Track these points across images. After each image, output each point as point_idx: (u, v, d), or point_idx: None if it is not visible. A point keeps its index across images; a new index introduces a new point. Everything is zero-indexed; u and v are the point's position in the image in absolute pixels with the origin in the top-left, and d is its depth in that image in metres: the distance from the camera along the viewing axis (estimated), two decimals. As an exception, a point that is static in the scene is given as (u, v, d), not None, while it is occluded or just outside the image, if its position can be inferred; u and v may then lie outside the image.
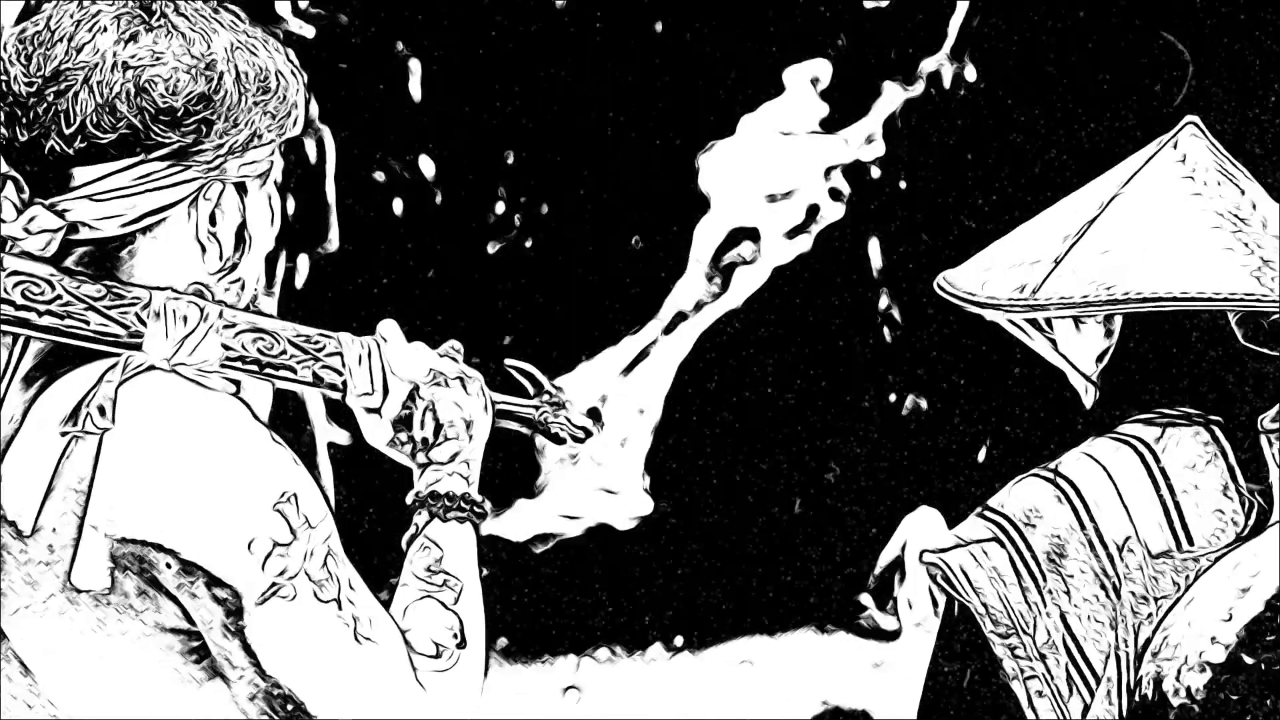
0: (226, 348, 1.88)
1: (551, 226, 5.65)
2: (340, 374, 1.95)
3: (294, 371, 1.94)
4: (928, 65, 5.89)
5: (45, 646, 1.71)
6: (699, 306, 5.73)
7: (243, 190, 1.94)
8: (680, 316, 5.77)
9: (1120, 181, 2.16)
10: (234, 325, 1.92)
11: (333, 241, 5.30)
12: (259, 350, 1.91)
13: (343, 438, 4.61)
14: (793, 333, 5.54)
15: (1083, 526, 2.09)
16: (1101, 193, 2.10)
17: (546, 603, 5.14)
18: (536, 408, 2.05)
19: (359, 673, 1.82)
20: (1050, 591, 2.12)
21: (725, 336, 5.63)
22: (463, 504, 1.93)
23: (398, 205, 5.41)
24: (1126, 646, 2.03)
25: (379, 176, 5.40)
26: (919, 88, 5.88)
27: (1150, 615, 2.06)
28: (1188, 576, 2.07)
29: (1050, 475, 2.17)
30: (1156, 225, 2.07)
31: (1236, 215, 2.02)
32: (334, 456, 4.68)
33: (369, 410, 1.95)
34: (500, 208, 5.63)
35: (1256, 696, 1.85)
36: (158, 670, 1.78)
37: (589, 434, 2.04)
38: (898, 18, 5.95)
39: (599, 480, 5.59)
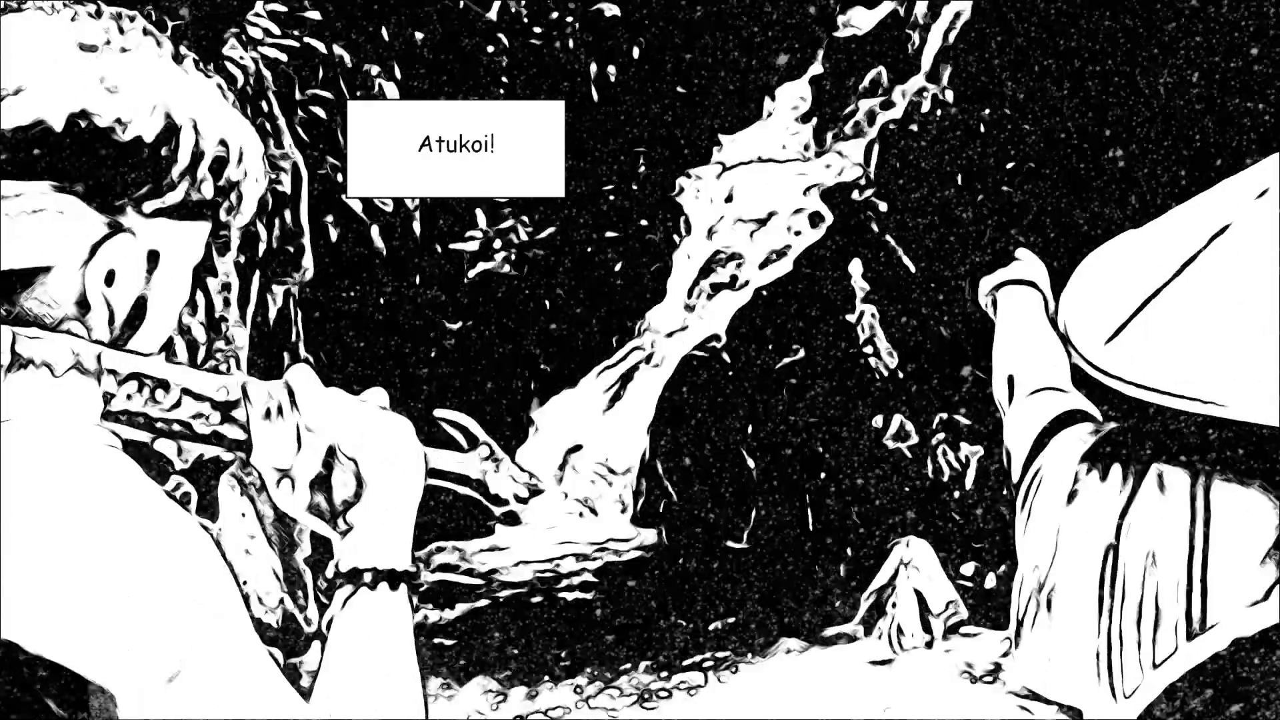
0: (108, 397, 1.60)
1: (530, 252, 5.61)
2: (246, 430, 1.65)
3: (190, 429, 1.64)
4: (907, 88, 5.87)
5: None
6: (679, 330, 5.69)
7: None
8: (660, 340, 5.73)
9: (1230, 210, 2.01)
10: (115, 372, 1.60)
11: (308, 270, 5.24)
12: (147, 401, 1.61)
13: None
14: (776, 357, 5.51)
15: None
16: (1215, 216, 1.95)
17: (540, 626, 5.09)
18: (475, 463, 1.75)
19: None
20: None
21: (707, 361, 5.60)
22: (393, 575, 1.65)
23: (374, 231, 5.38)
24: None
25: (355, 203, 5.36)
26: (899, 110, 5.86)
27: None
28: None
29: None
30: (1223, 300, 1.97)
31: None
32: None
33: (280, 472, 1.68)
34: (479, 234, 5.59)
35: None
36: None
37: (536, 492, 1.74)
38: (876, 42, 5.93)
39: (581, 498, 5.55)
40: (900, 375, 5.36)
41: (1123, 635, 1.94)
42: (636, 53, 5.70)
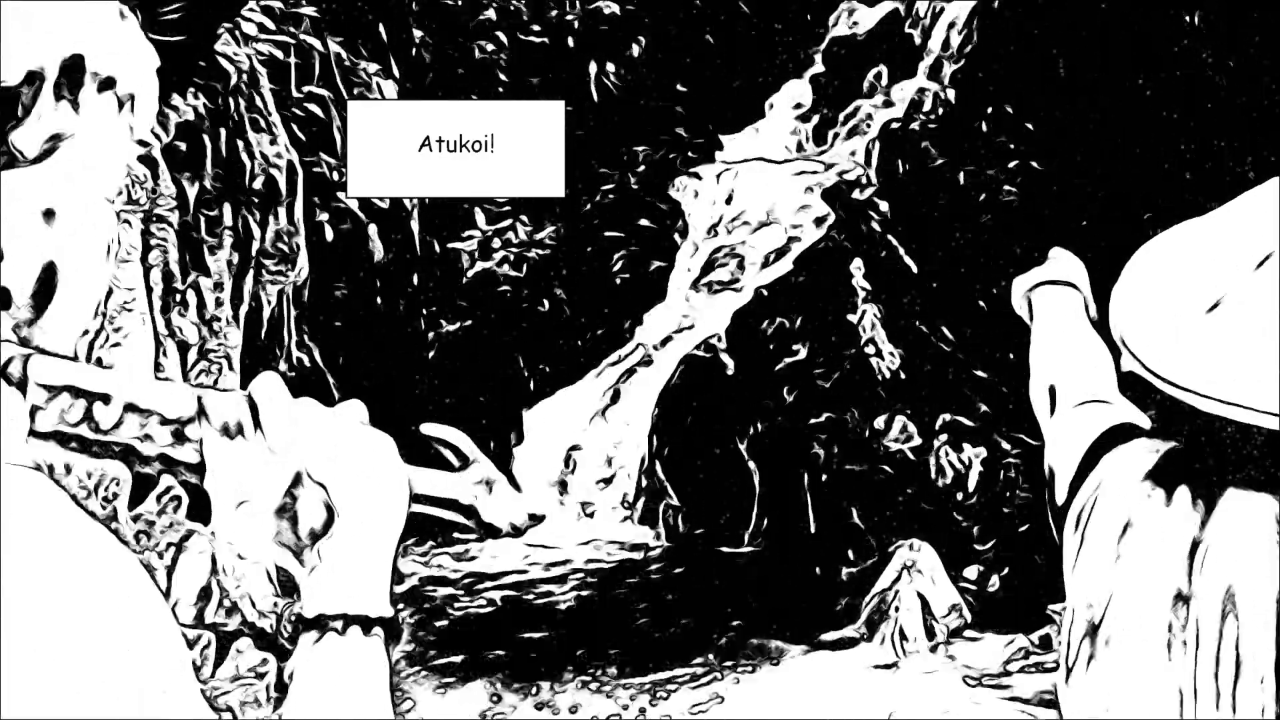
0: (35, 411, 1.34)
1: (530, 252, 5.59)
2: (200, 453, 1.42)
3: (134, 451, 1.40)
4: (908, 87, 5.85)
5: None
6: (679, 331, 5.67)
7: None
8: (660, 343, 5.71)
9: None
10: (45, 384, 1.35)
11: (302, 269, 5.21)
12: (85, 417, 1.36)
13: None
14: (777, 356, 5.49)
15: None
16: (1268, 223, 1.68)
17: (546, 627, 5.07)
18: (467, 485, 1.51)
19: None
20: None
21: (707, 362, 5.58)
22: (368, 622, 1.41)
23: (372, 229, 5.37)
24: None
25: (352, 203, 5.33)
26: (899, 109, 5.83)
27: None
28: None
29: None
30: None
31: None
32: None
33: (239, 500, 1.44)
34: (477, 233, 5.57)
35: None
36: None
37: (537, 520, 1.51)
38: (876, 42, 5.91)
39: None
40: (902, 375, 5.33)
41: (1196, 688, 1.66)
42: (636, 51, 5.68)
